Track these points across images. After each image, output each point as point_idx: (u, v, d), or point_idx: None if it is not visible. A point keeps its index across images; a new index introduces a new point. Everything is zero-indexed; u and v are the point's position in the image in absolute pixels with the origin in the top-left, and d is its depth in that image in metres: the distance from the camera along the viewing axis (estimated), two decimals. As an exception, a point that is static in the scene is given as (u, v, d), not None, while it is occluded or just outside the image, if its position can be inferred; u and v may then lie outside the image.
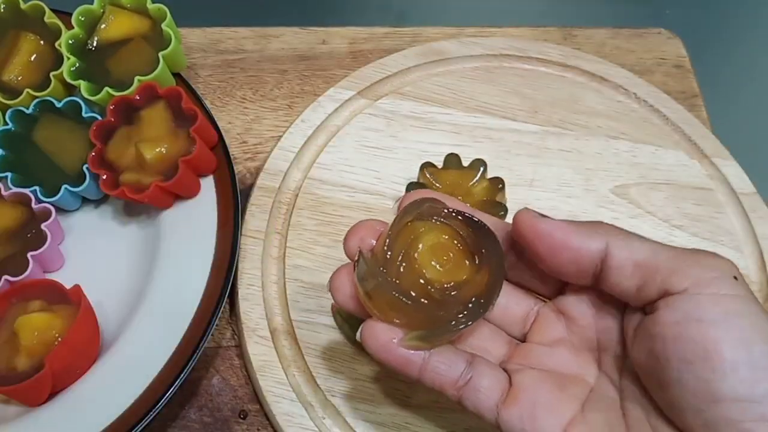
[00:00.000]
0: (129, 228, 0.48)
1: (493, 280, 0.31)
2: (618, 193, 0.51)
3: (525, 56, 0.57)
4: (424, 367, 0.31)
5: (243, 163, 0.53)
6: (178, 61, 0.50)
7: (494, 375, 0.32)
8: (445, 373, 0.31)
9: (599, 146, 0.53)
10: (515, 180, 0.51)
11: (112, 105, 0.46)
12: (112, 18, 0.49)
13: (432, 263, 0.31)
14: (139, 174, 0.45)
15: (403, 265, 0.31)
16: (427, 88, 0.55)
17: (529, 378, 0.32)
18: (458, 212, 0.32)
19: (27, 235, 0.44)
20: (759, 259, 0.49)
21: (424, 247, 0.32)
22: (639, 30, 0.62)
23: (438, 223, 0.32)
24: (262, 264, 0.47)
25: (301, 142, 0.52)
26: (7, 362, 0.40)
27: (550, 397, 0.31)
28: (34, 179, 0.46)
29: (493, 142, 0.53)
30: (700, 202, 0.51)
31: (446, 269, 0.31)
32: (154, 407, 0.39)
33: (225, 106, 0.56)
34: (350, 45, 0.59)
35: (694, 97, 0.58)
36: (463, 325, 0.30)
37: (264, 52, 0.59)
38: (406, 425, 0.42)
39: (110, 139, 0.46)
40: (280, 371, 0.44)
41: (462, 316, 0.30)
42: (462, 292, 0.31)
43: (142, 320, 0.43)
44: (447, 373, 0.31)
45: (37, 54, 0.49)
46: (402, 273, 0.31)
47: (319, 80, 0.57)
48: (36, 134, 0.47)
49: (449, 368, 0.31)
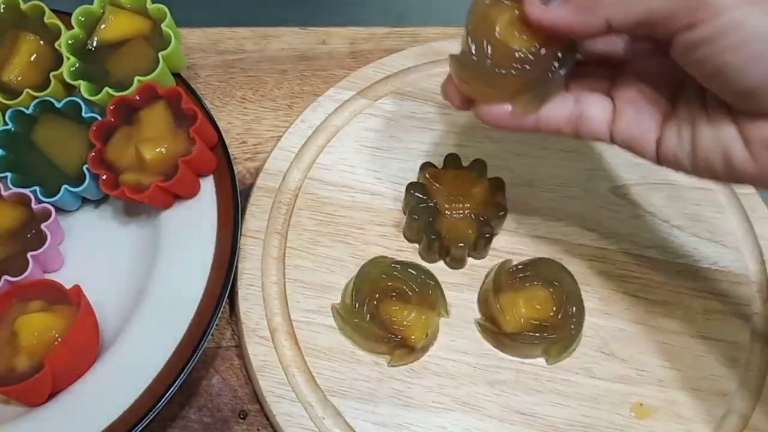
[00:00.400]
0: (129, 228, 0.48)
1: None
2: (618, 194, 0.51)
3: (525, 56, 0.57)
4: (537, 120, 0.36)
5: (243, 163, 0.53)
6: (178, 61, 0.50)
7: (600, 102, 0.36)
8: (558, 113, 0.36)
9: (599, 146, 0.53)
10: (515, 180, 0.51)
11: (112, 105, 0.46)
12: (112, 18, 0.49)
13: (514, 34, 0.36)
14: (138, 174, 0.45)
15: (489, 46, 0.36)
16: (427, 88, 0.55)
17: (627, 98, 0.36)
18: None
19: (27, 235, 0.45)
20: (759, 259, 0.49)
21: (501, 25, 0.36)
22: (639, 30, 0.62)
23: (506, 2, 0.36)
24: (262, 264, 0.47)
25: (301, 142, 0.52)
26: (7, 362, 0.40)
27: (646, 107, 0.35)
28: (34, 179, 0.46)
29: (493, 142, 0.53)
30: (699, 202, 0.51)
31: (528, 36, 0.36)
32: (153, 407, 0.39)
33: (225, 107, 0.56)
34: (350, 45, 0.59)
35: (694, 97, 0.58)
36: (563, 70, 0.35)
37: (264, 52, 0.59)
38: (406, 425, 0.42)
39: (110, 140, 0.46)
40: (280, 371, 0.44)
41: (557, 63, 0.35)
42: (549, 49, 0.35)
43: (141, 320, 0.43)
44: (560, 113, 0.36)
45: (37, 54, 0.49)
46: (492, 53, 0.36)
47: (319, 80, 0.57)
48: (36, 134, 0.47)
49: (561, 108, 0.36)
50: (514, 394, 0.44)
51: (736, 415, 0.44)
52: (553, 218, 0.50)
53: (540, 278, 0.46)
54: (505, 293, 0.45)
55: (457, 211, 0.48)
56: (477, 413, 0.43)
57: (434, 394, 0.44)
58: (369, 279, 0.45)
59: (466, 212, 0.48)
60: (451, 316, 0.46)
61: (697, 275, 0.49)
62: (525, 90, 0.36)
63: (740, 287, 0.48)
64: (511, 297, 0.45)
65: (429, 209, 0.47)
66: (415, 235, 0.48)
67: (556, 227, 0.50)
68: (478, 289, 0.47)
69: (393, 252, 0.48)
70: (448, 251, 0.47)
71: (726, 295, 0.48)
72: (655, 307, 0.47)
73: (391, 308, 0.44)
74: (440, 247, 0.47)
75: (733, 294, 0.48)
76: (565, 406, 0.44)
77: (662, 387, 0.45)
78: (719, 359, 0.46)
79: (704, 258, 0.49)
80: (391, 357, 0.44)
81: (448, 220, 0.47)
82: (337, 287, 0.47)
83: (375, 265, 0.46)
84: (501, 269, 0.46)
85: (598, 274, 0.48)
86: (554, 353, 0.45)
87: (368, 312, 0.44)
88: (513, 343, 0.44)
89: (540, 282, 0.46)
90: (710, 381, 0.45)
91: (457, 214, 0.48)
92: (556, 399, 0.44)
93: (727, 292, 0.48)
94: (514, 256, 0.48)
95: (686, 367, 0.45)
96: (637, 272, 0.48)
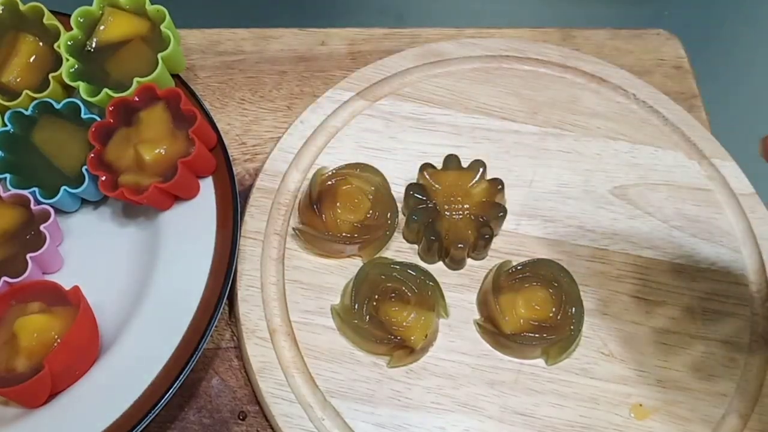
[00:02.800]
0: (128, 229, 0.48)
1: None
2: (617, 194, 0.52)
3: (524, 57, 0.57)
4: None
5: (242, 164, 0.53)
6: (177, 62, 0.50)
7: None
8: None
9: (598, 147, 0.53)
10: (514, 181, 0.51)
11: (111, 106, 0.46)
12: (111, 19, 0.49)
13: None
14: (138, 175, 0.45)
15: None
16: (426, 89, 0.55)
17: None
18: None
19: (26, 236, 0.44)
20: (758, 259, 0.49)
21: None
22: (638, 31, 0.62)
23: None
24: (261, 265, 0.47)
25: (300, 143, 0.52)
26: (7, 363, 0.40)
27: None
28: (33, 181, 0.46)
29: (493, 143, 0.53)
30: (699, 202, 0.52)
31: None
32: (153, 409, 0.39)
33: (224, 108, 0.56)
34: (349, 46, 0.59)
35: (693, 97, 0.58)
36: None
37: (263, 53, 0.59)
38: (406, 426, 0.42)
39: (109, 141, 0.46)
40: (280, 372, 0.44)
41: None
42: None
43: (141, 322, 0.43)
44: None
45: (36, 55, 0.49)
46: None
47: (318, 81, 0.57)
48: (35, 136, 0.47)
49: None
50: (513, 394, 0.44)
51: (735, 415, 0.44)
52: (552, 219, 0.50)
53: (539, 279, 0.46)
54: (505, 294, 0.45)
55: (456, 211, 0.48)
56: (476, 414, 0.43)
57: (433, 395, 0.44)
58: (368, 280, 0.45)
59: (465, 213, 0.48)
60: (450, 317, 0.46)
61: (696, 276, 0.49)
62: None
63: (739, 288, 0.48)
64: (510, 298, 0.45)
65: (428, 210, 0.47)
66: (415, 235, 0.48)
67: (555, 228, 0.50)
68: (478, 290, 0.47)
69: (392, 253, 0.48)
70: (447, 252, 0.47)
71: (725, 295, 0.48)
72: (654, 307, 0.47)
73: (391, 309, 0.44)
74: (440, 247, 0.47)
75: (732, 294, 0.48)
76: (565, 407, 0.44)
77: (661, 387, 0.45)
78: (718, 360, 0.46)
79: (703, 258, 0.49)
80: (390, 358, 0.44)
81: (447, 220, 0.47)
82: (336, 288, 0.47)
83: (374, 266, 0.46)
84: (500, 270, 0.46)
85: (598, 275, 0.48)
86: (553, 354, 0.45)
87: (367, 313, 0.44)
88: (512, 344, 0.44)
89: (539, 283, 0.46)
90: (709, 381, 0.45)
91: (456, 215, 0.48)
92: (556, 400, 0.44)
93: (726, 293, 0.48)
94: (513, 257, 0.48)
95: (685, 367, 0.45)
96: (636, 273, 0.48)
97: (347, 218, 0.47)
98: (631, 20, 0.65)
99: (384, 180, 0.49)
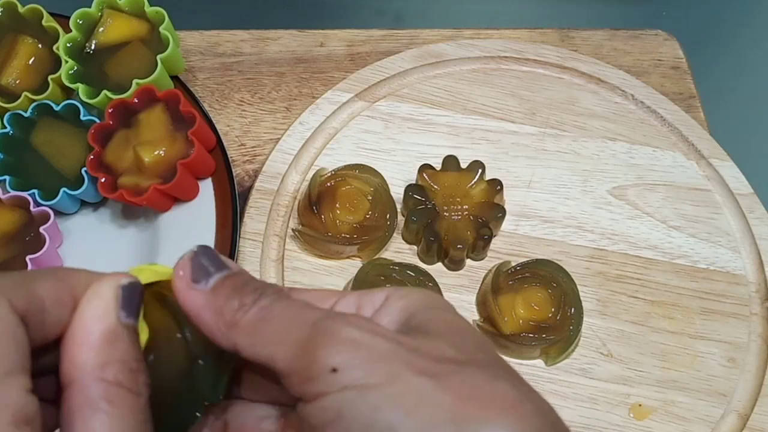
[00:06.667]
0: (127, 231, 0.48)
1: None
2: (615, 195, 0.52)
3: (522, 58, 0.57)
4: None
5: (241, 165, 0.53)
6: (176, 64, 0.50)
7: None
8: None
9: (597, 147, 0.53)
10: (513, 182, 0.51)
11: (111, 108, 0.46)
12: (110, 21, 0.49)
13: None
14: (137, 177, 0.45)
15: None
16: (424, 90, 0.55)
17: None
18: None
19: (25, 238, 0.44)
20: (757, 259, 0.49)
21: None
22: (636, 31, 0.62)
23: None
24: (260, 267, 0.47)
25: (300, 144, 0.52)
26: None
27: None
28: (32, 182, 0.46)
29: (491, 143, 0.53)
30: (697, 203, 0.52)
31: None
32: (153, 410, 0.39)
33: (223, 109, 0.56)
34: (348, 47, 0.59)
35: (691, 98, 0.58)
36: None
37: (262, 54, 0.59)
38: (405, 427, 0.42)
39: (108, 142, 0.46)
40: (279, 373, 0.44)
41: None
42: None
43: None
44: None
45: (35, 57, 0.49)
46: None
47: (317, 83, 0.57)
48: (34, 137, 0.47)
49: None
50: (513, 395, 0.44)
51: (734, 415, 0.44)
52: (551, 219, 0.50)
53: (538, 279, 0.46)
54: (504, 294, 0.45)
55: (455, 212, 0.48)
56: (476, 414, 0.43)
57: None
58: (368, 281, 0.45)
59: (464, 214, 0.48)
60: (449, 318, 0.46)
61: (695, 276, 0.49)
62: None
63: (738, 287, 0.48)
64: (509, 298, 0.45)
65: (427, 211, 0.47)
66: (414, 236, 0.48)
67: (554, 228, 0.50)
68: (477, 291, 0.47)
69: (391, 254, 0.48)
70: (446, 253, 0.47)
71: (724, 295, 0.48)
72: (653, 307, 0.47)
73: None
74: (439, 248, 0.47)
75: (731, 294, 0.48)
76: (564, 407, 0.44)
77: (661, 387, 0.45)
78: (717, 359, 0.46)
79: (702, 258, 0.49)
80: None
81: (446, 221, 0.48)
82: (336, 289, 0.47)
83: (374, 266, 0.46)
84: (499, 270, 0.46)
85: (596, 275, 0.48)
86: (553, 354, 0.45)
87: None
88: (511, 344, 0.44)
89: (538, 283, 0.46)
90: (709, 381, 0.45)
91: (455, 216, 0.48)
92: (555, 400, 0.44)
93: (725, 293, 0.48)
94: (512, 258, 0.48)
95: (684, 367, 0.45)
96: (635, 273, 0.49)
97: (346, 219, 0.47)
98: (629, 21, 0.65)
99: (383, 181, 0.49)
